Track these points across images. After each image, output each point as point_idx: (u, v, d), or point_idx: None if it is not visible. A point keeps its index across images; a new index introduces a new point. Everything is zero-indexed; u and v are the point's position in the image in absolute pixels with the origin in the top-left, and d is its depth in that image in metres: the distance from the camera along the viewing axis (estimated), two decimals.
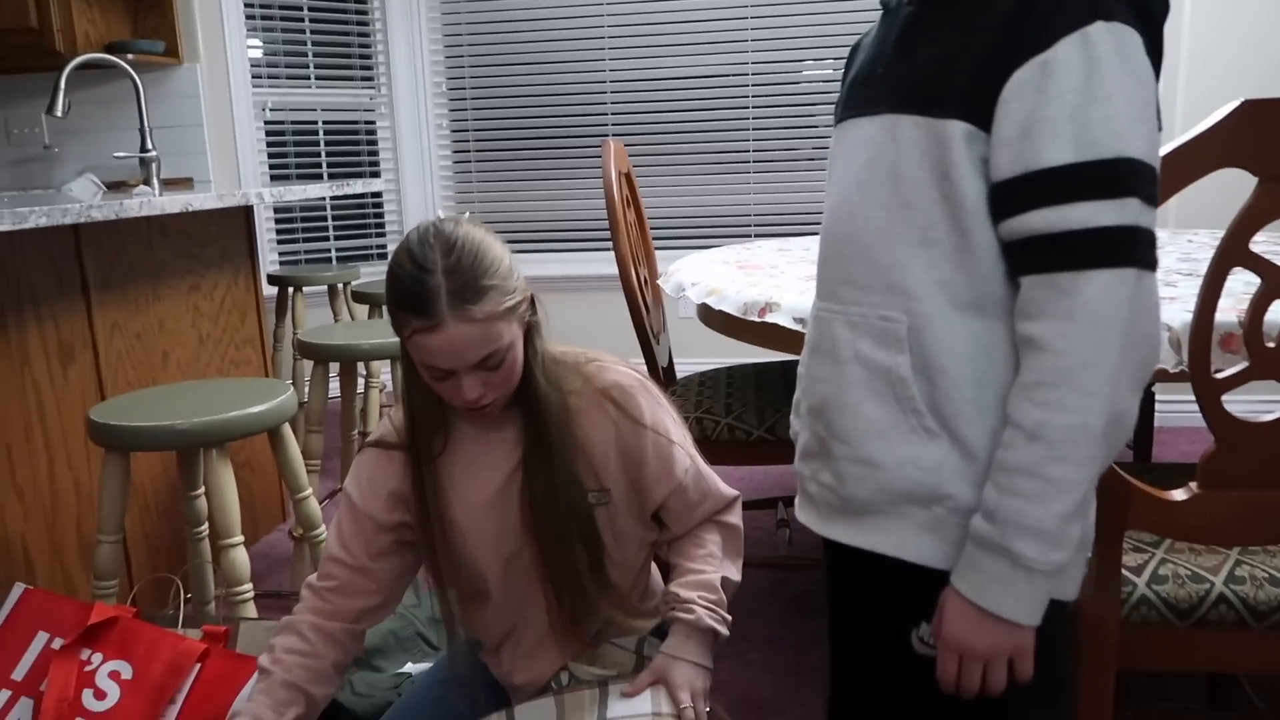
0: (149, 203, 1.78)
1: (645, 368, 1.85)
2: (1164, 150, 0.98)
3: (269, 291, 3.45)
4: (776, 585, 2.29)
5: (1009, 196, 0.79)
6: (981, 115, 0.79)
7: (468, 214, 1.13)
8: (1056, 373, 0.78)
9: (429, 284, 1.01)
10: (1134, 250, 0.76)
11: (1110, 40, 0.75)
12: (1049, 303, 0.78)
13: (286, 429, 1.74)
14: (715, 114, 4.00)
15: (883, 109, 0.87)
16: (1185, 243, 2.18)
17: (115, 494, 1.58)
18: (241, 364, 2.61)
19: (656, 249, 3.93)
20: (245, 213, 2.62)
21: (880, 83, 0.89)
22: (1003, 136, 0.78)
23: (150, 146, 2.89)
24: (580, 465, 1.14)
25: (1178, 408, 3.17)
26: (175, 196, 1.90)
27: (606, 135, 4.08)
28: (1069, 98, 0.75)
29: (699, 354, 3.01)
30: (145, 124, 2.86)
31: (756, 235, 4.03)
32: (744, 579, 1.31)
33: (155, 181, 2.90)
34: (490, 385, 1.09)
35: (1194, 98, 3.09)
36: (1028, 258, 0.79)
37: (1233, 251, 1.01)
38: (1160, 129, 0.82)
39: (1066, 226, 0.76)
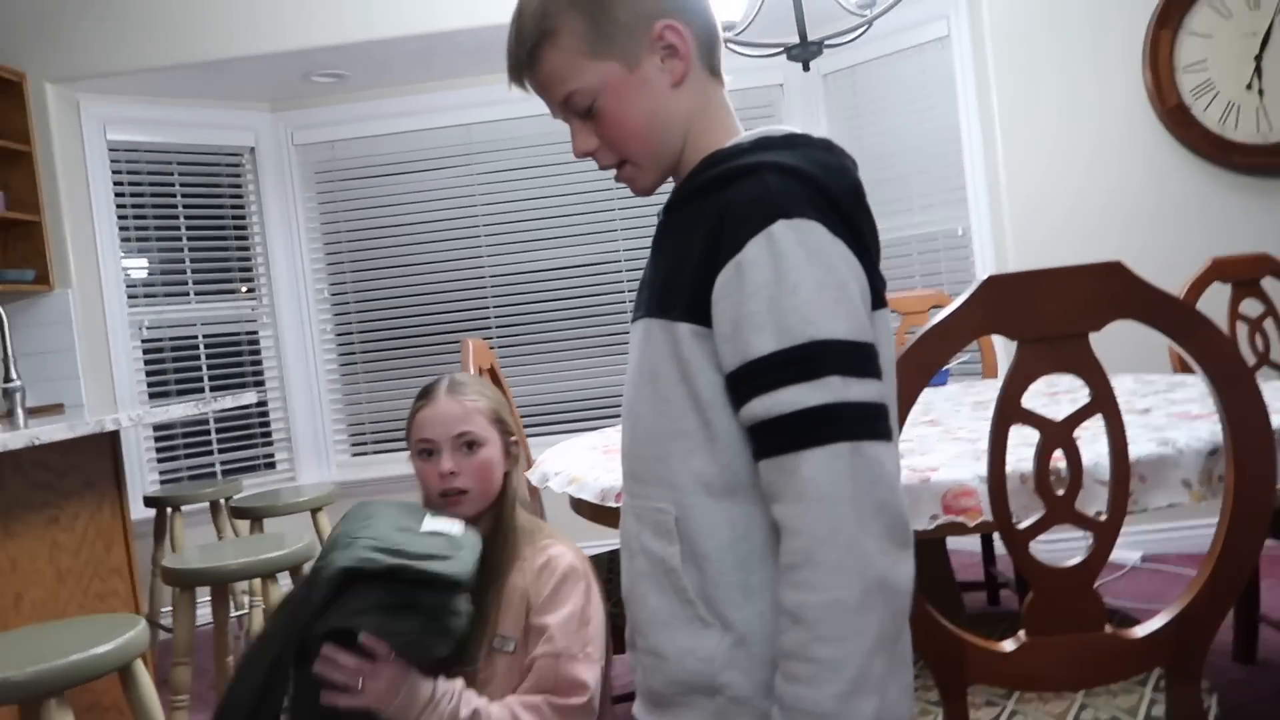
0: None
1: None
2: (927, 325, 1.08)
3: (145, 514, 3.34)
4: None
5: (735, 387, 0.86)
6: (703, 315, 0.87)
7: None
8: (799, 553, 0.81)
9: (437, 382, 1.45)
10: (841, 425, 0.81)
11: (792, 235, 0.83)
12: (780, 485, 0.83)
13: (138, 666, 1.65)
14: (593, 299, 4.16)
15: (642, 313, 0.96)
16: None
17: None
18: (108, 596, 2.49)
19: (545, 435, 3.99)
20: (110, 438, 2.57)
21: (644, 288, 0.98)
22: (721, 333, 0.86)
23: (14, 377, 2.84)
24: (493, 611, 1.35)
25: (1049, 548, 3.26)
26: (20, 432, 1.86)
27: (489, 327, 4.18)
28: (764, 292, 0.83)
29: (589, 538, 3.00)
30: (8, 354, 2.82)
31: None
32: None
33: (19, 412, 2.83)
34: (464, 470, 1.38)
35: (1025, 245, 3.36)
36: (757, 443, 0.85)
37: (1008, 411, 1.10)
38: (883, 303, 0.91)
39: (779, 411, 0.82)
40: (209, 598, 2.52)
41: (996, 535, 3.04)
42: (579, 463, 1.94)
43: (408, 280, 4.22)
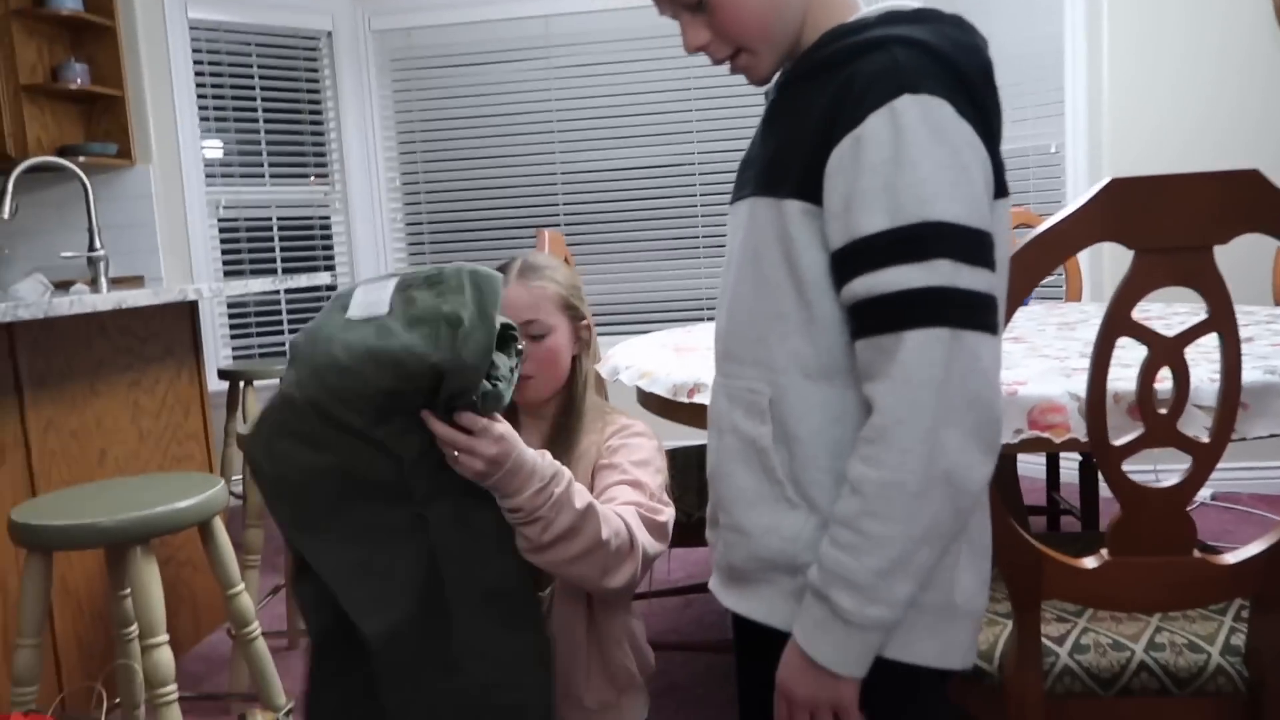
0: (80, 300, 1.78)
1: None
2: (1041, 228, 1.03)
3: (220, 386, 3.43)
4: (726, 671, 2.26)
5: (839, 266, 0.83)
6: (814, 192, 0.84)
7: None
8: (875, 430, 0.80)
9: (509, 264, 1.41)
10: (945, 310, 0.78)
11: (916, 111, 0.79)
12: (874, 364, 0.81)
13: (217, 523, 1.71)
14: (664, 200, 4.10)
15: (748, 192, 0.93)
16: None
17: (36, 596, 1.55)
18: (185, 459, 2.57)
19: (611, 334, 3.99)
20: (190, 308, 2.63)
21: (750, 167, 0.95)
22: (831, 210, 0.83)
23: (98, 246, 2.90)
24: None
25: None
26: (108, 295, 1.91)
27: (558, 224, 4.15)
28: (880, 169, 0.79)
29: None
30: (94, 224, 2.88)
31: (708, 317, 4.09)
32: (691, 664, 1.33)
33: (103, 280, 2.90)
34: (530, 358, 1.33)
35: (1120, 168, 3.21)
36: (857, 322, 0.83)
37: (1116, 322, 1.05)
38: (1005, 192, 0.86)
39: (881, 290, 0.79)
40: None
41: (1062, 459, 2.98)
42: (650, 358, 1.92)
43: (478, 172, 4.19)
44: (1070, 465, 3.14)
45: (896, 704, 0.89)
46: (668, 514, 1.33)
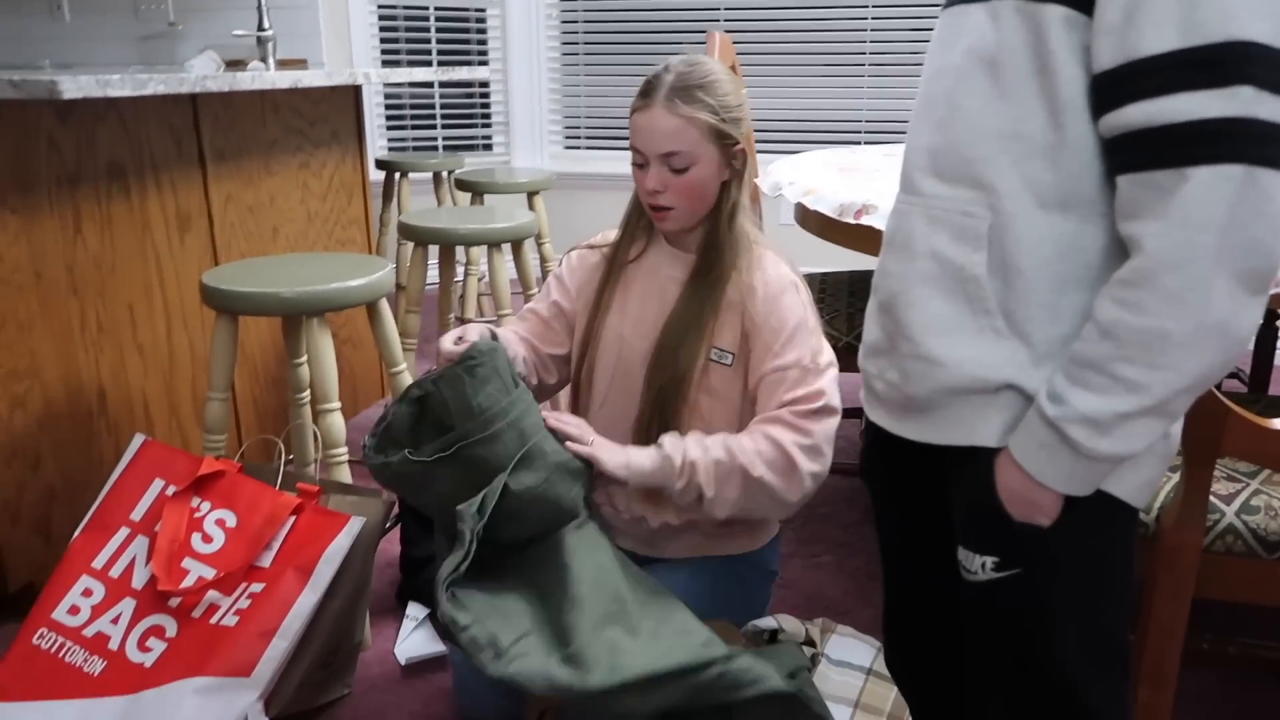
0: (260, 76, 1.83)
1: None
2: None
3: (376, 176, 3.53)
4: (855, 492, 2.29)
5: (1108, 89, 0.74)
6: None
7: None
8: (1138, 272, 0.73)
9: (661, 76, 1.28)
10: (1243, 145, 0.69)
11: None
12: (1143, 201, 0.73)
13: (383, 304, 1.79)
14: (832, 12, 3.84)
15: None
16: None
17: (224, 354, 1.68)
18: (347, 243, 2.69)
19: (762, 151, 3.87)
20: (354, 95, 2.66)
21: None
22: (1105, 23, 0.73)
23: (266, 25, 2.94)
24: (710, 321, 1.33)
25: None
26: (285, 73, 1.94)
27: (717, 29, 3.96)
28: None
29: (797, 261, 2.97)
30: (262, 2, 2.92)
31: (867, 141, 3.90)
32: (822, 485, 1.34)
33: (271, 60, 2.96)
34: (671, 189, 1.28)
35: None
36: (1125, 155, 0.74)
37: None
38: None
39: (1165, 120, 0.70)
40: (434, 260, 2.68)
41: None
42: (814, 176, 1.86)
43: None
44: None
45: (1091, 530, 0.86)
46: (826, 386, 1.30)
